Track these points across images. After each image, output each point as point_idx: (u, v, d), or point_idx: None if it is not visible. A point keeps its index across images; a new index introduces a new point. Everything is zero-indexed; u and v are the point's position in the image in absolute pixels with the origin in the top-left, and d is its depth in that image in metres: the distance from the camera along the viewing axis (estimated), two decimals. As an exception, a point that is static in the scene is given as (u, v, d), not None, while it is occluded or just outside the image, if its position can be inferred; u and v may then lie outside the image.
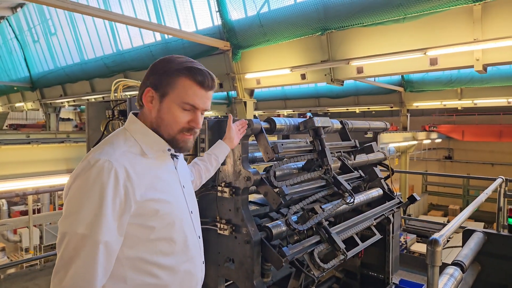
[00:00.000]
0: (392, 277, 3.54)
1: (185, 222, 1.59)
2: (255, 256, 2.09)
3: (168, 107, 1.48)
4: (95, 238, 1.28)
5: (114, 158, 1.36)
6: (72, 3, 7.13)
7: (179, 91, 1.47)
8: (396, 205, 3.27)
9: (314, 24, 9.07)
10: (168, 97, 1.47)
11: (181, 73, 1.47)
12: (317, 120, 2.35)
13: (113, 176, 1.33)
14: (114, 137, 1.50)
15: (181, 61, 1.50)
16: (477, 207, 2.64)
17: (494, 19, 6.81)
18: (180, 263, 1.54)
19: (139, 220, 1.41)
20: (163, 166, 1.56)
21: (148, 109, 1.52)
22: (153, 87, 1.48)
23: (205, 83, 1.50)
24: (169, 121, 1.49)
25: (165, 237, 1.49)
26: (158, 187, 1.47)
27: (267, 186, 2.11)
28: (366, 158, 3.26)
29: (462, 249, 2.91)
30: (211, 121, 2.24)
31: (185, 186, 1.66)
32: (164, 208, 1.47)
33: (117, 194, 1.33)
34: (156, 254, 1.47)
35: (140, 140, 1.50)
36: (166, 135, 1.51)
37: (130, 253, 1.42)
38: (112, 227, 1.32)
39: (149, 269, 1.45)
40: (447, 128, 21.71)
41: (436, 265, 1.67)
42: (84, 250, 1.28)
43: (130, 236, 1.40)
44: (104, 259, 1.31)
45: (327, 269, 2.16)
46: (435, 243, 1.69)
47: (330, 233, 2.27)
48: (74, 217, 1.30)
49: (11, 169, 6.16)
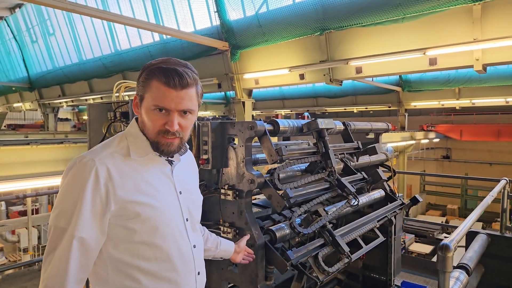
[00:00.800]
0: (394, 279, 3.52)
1: (175, 229, 1.56)
2: (259, 260, 2.07)
3: (145, 111, 1.49)
4: (71, 232, 1.35)
5: (98, 158, 1.41)
6: (70, 3, 7.10)
7: (151, 94, 1.46)
8: (398, 207, 3.25)
9: (313, 24, 9.04)
10: (144, 101, 1.49)
11: (151, 75, 1.46)
12: (321, 122, 2.34)
13: (94, 174, 1.37)
14: (110, 139, 1.56)
15: (155, 62, 1.49)
16: (484, 209, 2.62)
17: (494, 19, 6.80)
18: (163, 270, 1.52)
19: (121, 221, 1.43)
20: (155, 170, 1.55)
21: (137, 115, 1.56)
22: (137, 93, 1.52)
23: (170, 82, 1.43)
24: (147, 124, 1.50)
25: (147, 241, 1.48)
26: (143, 190, 1.47)
27: (271, 188, 2.09)
28: (368, 159, 3.25)
29: (467, 251, 2.90)
30: (214, 123, 2.22)
31: (183, 192, 1.63)
32: (146, 211, 1.46)
33: (97, 192, 1.37)
34: (137, 258, 1.47)
35: (130, 142, 1.53)
36: (149, 138, 1.52)
37: (113, 253, 1.46)
38: (88, 224, 1.37)
39: (130, 272, 1.47)
40: (445, 127, 21.70)
41: (447, 271, 1.63)
42: (62, 242, 1.35)
43: (113, 236, 1.44)
44: (78, 254, 1.36)
45: (332, 273, 2.14)
46: (446, 248, 1.65)
47: (334, 236, 2.25)
48: (57, 211, 1.39)
49: (11, 170, 6.14)
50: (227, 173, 2.23)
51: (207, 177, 2.30)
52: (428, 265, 4.68)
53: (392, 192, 3.38)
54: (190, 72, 1.48)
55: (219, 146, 2.23)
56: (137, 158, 1.51)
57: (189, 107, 1.49)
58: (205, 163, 2.21)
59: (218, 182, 2.26)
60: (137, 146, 1.52)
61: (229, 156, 2.21)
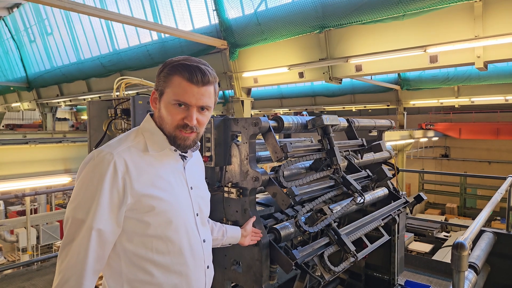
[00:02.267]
0: (397, 278, 3.49)
1: (188, 224, 1.61)
2: (263, 259, 2.03)
3: (164, 106, 1.53)
4: (90, 224, 1.38)
5: (116, 151, 1.45)
6: (69, 2, 7.04)
7: (172, 89, 1.51)
8: (402, 205, 3.22)
9: (312, 22, 8.99)
10: (164, 96, 1.53)
11: (173, 71, 1.51)
12: (326, 118, 2.29)
13: (112, 167, 1.41)
14: (127, 133, 1.60)
15: (177, 59, 1.54)
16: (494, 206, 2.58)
17: (496, 16, 6.75)
18: (175, 264, 1.56)
19: (136, 214, 1.47)
20: (169, 165, 1.60)
21: (154, 110, 1.60)
22: (155, 89, 1.56)
23: (194, 78, 1.50)
24: (166, 118, 1.54)
25: (161, 235, 1.52)
26: (157, 185, 1.51)
27: (276, 186, 2.05)
28: (372, 157, 3.21)
29: (474, 250, 2.86)
30: (217, 120, 2.18)
31: (193, 187, 1.67)
32: (160, 205, 1.50)
33: (114, 185, 1.41)
34: (151, 251, 1.51)
35: (147, 137, 1.57)
36: (166, 133, 1.57)
37: (127, 246, 1.49)
38: (106, 216, 1.40)
39: (143, 265, 1.50)
40: (444, 126, 21.67)
41: (463, 270, 1.57)
42: (80, 234, 1.38)
43: (128, 229, 1.48)
44: (96, 245, 1.39)
45: (337, 272, 2.10)
46: (461, 247, 1.59)
47: (339, 234, 2.21)
48: (76, 203, 1.41)
49: (9, 170, 6.10)
50: (230, 170, 2.19)
51: (210, 175, 2.25)
52: (430, 264, 4.66)
53: (395, 190, 3.34)
54: (211, 70, 1.57)
55: (222, 143, 2.19)
56: (154, 153, 1.55)
57: (208, 103, 1.56)
58: (208, 161, 2.17)
59: (221, 180, 2.21)
60: (154, 141, 1.57)
61: (233, 153, 2.17)
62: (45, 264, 5.67)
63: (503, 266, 3.43)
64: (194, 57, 1.59)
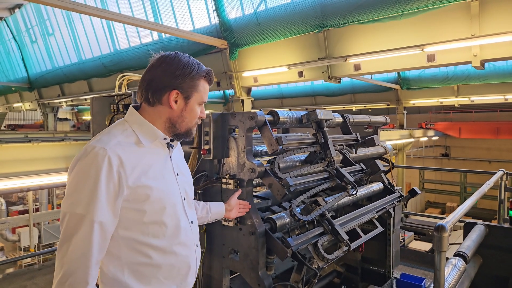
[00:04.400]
0: (393, 271, 3.56)
1: (177, 208, 1.71)
2: (260, 247, 2.11)
3: (191, 107, 1.69)
4: (91, 218, 1.44)
5: (108, 146, 1.50)
6: (70, 2, 7.12)
7: (201, 92, 1.70)
8: (396, 199, 3.29)
9: (311, 22, 9.07)
10: (192, 98, 1.68)
11: (202, 77, 1.69)
12: (320, 113, 2.38)
13: (107, 162, 1.46)
14: (112, 127, 1.65)
15: (196, 64, 1.68)
16: (481, 196, 2.65)
17: (492, 15, 6.83)
18: (171, 245, 1.67)
19: (132, 204, 1.55)
20: (157, 154, 1.69)
21: (166, 108, 1.66)
22: (179, 89, 1.64)
23: (212, 80, 1.75)
24: (191, 117, 1.71)
25: (157, 220, 1.61)
26: (150, 174, 1.59)
27: (271, 177, 2.13)
28: (367, 152, 3.28)
29: (464, 240, 2.94)
30: (215, 114, 2.27)
31: (179, 174, 1.77)
32: (155, 194, 1.59)
33: (110, 179, 1.47)
34: (148, 236, 1.60)
35: (137, 130, 1.64)
36: (184, 128, 1.72)
37: (125, 233, 1.57)
38: (106, 209, 1.47)
39: (141, 249, 1.60)
40: (443, 125, 21.68)
41: (443, 250, 1.68)
42: (82, 228, 1.43)
43: (124, 218, 1.55)
44: (99, 237, 1.46)
45: (331, 260, 2.18)
46: (441, 229, 1.70)
47: (333, 224, 2.29)
48: (73, 198, 1.46)
49: (11, 168, 6.16)
50: (228, 163, 2.27)
51: (209, 167, 2.34)
52: (426, 258, 4.73)
53: (390, 185, 3.42)
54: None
55: (220, 136, 2.28)
56: (146, 144, 1.63)
57: None
58: (207, 153, 2.25)
59: (220, 172, 2.30)
60: (144, 133, 1.65)
61: (230, 146, 2.26)
62: (47, 263, 5.71)
63: (494, 258, 3.50)
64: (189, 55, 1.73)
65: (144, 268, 1.61)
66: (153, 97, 1.64)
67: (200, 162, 2.36)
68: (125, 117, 1.70)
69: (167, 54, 1.67)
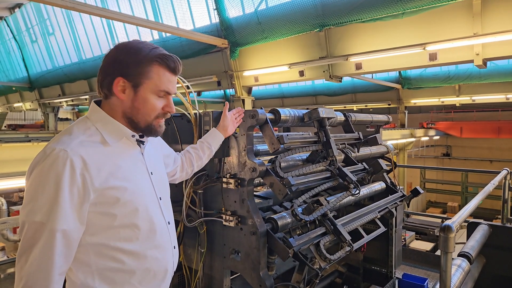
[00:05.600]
0: (395, 271, 3.53)
1: (151, 209, 1.60)
2: (261, 247, 2.07)
3: (143, 97, 1.51)
4: (52, 226, 1.31)
5: (70, 148, 1.36)
6: (71, 1, 7.10)
7: (154, 79, 1.50)
8: (399, 198, 3.26)
9: (312, 21, 9.04)
10: (142, 86, 1.49)
11: (154, 61, 1.49)
12: (321, 111, 2.34)
13: (69, 165, 1.33)
14: (74, 126, 1.50)
15: (149, 48, 1.50)
16: (486, 196, 2.62)
17: (494, 13, 6.80)
18: (145, 249, 1.56)
19: (100, 208, 1.42)
20: (127, 153, 1.56)
21: (118, 99, 1.51)
22: (124, 77, 1.48)
23: (177, 68, 1.56)
24: (146, 109, 1.52)
25: (128, 224, 1.50)
26: (119, 175, 1.47)
27: (273, 177, 2.10)
28: (369, 151, 3.25)
29: (468, 241, 2.91)
30: (215, 112, 2.23)
31: (154, 172, 1.67)
32: (125, 195, 1.47)
33: (74, 183, 1.34)
34: (119, 241, 1.49)
35: (101, 128, 1.50)
36: (142, 122, 1.54)
37: (93, 239, 1.45)
38: (69, 216, 1.34)
39: (112, 254, 1.48)
40: (445, 125, 21.63)
41: (449, 251, 1.64)
42: (42, 238, 1.31)
43: (91, 224, 1.42)
44: (62, 247, 1.34)
45: (333, 261, 2.15)
46: (448, 229, 1.66)
47: (335, 224, 2.25)
48: (31, 206, 1.33)
49: (12, 167, 6.13)
50: (228, 162, 2.24)
51: (209, 167, 2.31)
52: (428, 258, 4.70)
53: (392, 184, 3.38)
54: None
55: (220, 135, 2.24)
56: (112, 143, 1.51)
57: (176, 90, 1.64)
58: (207, 153, 2.22)
59: (220, 171, 2.27)
60: (109, 130, 1.52)
61: (231, 145, 2.22)
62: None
63: (498, 258, 3.47)
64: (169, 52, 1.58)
65: (116, 274, 1.50)
66: (103, 88, 1.51)
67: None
68: (87, 114, 1.55)
69: (122, 42, 1.54)
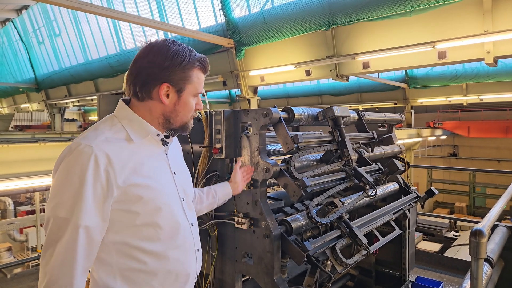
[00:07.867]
0: (408, 274, 3.45)
1: (174, 209, 1.58)
2: (275, 251, 2.00)
3: (185, 100, 1.55)
4: (76, 222, 1.32)
5: (95, 144, 1.37)
6: (77, 2, 7.08)
7: (195, 83, 1.54)
8: (413, 199, 3.18)
9: (319, 19, 8.95)
10: (185, 91, 1.53)
11: (195, 66, 1.54)
12: (337, 109, 2.27)
13: (93, 161, 1.34)
14: (100, 123, 1.52)
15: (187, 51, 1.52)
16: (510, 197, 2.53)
17: (505, 10, 6.68)
18: (167, 249, 1.54)
19: (123, 205, 1.42)
20: (151, 151, 1.56)
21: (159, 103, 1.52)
22: (169, 83, 1.50)
23: (207, 68, 1.60)
24: (185, 111, 1.57)
25: (151, 222, 1.49)
26: (142, 173, 1.47)
27: (287, 177, 2.02)
28: (382, 151, 3.17)
29: (488, 243, 2.81)
30: (227, 111, 2.16)
31: (176, 172, 1.65)
32: (148, 193, 1.47)
33: (97, 179, 1.34)
34: (141, 240, 1.48)
35: (126, 125, 1.51)
36: (178, 123, 1.58)
37: (116, 237, 1.45)
38: (92, 212, 1.34)
39: (134, 254, 1.47)
40: (452, 124, 21.44)
41: (481, 257, 1.54)
42: (66, 233, 1.32)
43: (114, 221, 1.43)
44: (85, 243, 1.34)
45: (350, 265, 2.08)
46: (479, 234, 1.56)
47: (351, 227, 2.18)
48: (56, 201, 1.34)
49: (19, 168, 6.12)
50: (241, 162, 2.17)
51: (220, 167, 2.23)
52: (442, 261, 4.61)
53: (406, 185, 3.30)
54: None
55: (232, 134, 2.18)
56: (137, 141, 1.51)
57: None
58: (218, 153, 2.15)
59: (232, 171, 2.20)
60: (135, 128, 1.52)
61: (243, 145, 2.15)
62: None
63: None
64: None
65: (138, 275, 1.49)
66: (142, 91, 1.50)
67: (211, 162, 2.24)
68: (114, 112, 1.56)
69: (155, 42, 1.53)
